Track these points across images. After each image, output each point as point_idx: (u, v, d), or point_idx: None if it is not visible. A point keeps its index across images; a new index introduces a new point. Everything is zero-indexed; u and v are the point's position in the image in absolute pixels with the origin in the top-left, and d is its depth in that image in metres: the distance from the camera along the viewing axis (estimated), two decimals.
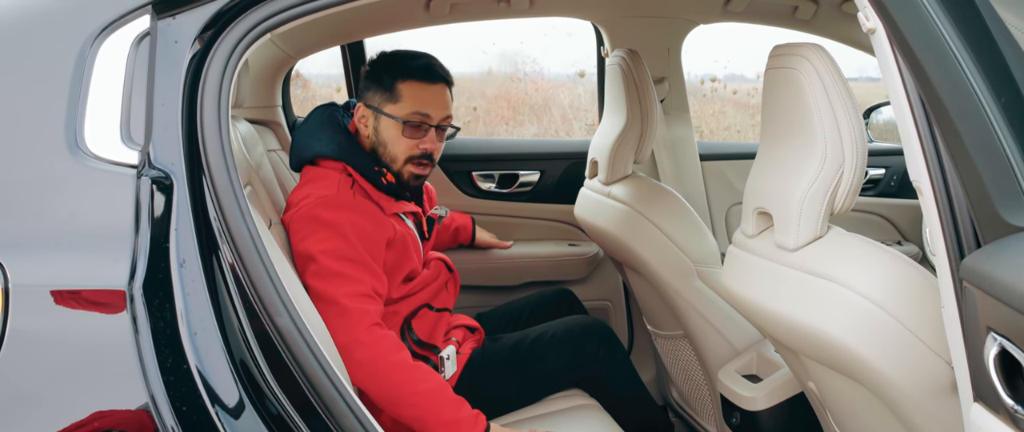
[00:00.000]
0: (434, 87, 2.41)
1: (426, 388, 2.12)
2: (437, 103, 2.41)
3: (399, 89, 2.38)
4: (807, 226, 1.66)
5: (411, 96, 2.38)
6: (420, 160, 2.42)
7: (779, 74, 1.71)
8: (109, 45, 1.52)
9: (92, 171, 1.45)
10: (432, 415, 2.10)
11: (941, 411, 1.52)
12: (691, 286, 2.55)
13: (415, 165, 2.42)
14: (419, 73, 2.40)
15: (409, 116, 2.38)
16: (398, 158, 2.41)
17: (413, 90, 2.39)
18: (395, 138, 2.40)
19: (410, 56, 2.45)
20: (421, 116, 2.39)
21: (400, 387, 2.11)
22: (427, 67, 2.41)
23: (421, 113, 2.39)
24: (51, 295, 1.38)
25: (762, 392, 2.38)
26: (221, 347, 1.41)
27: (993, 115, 1.28)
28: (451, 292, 2.63)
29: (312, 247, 2.19)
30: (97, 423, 1.37)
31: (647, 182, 2.73)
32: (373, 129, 2.42)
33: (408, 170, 2.42)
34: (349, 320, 2.11)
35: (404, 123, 2.38)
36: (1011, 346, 1.17)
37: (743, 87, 9.42)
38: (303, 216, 2.24)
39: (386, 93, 2.40)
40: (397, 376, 2.11)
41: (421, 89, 2.39)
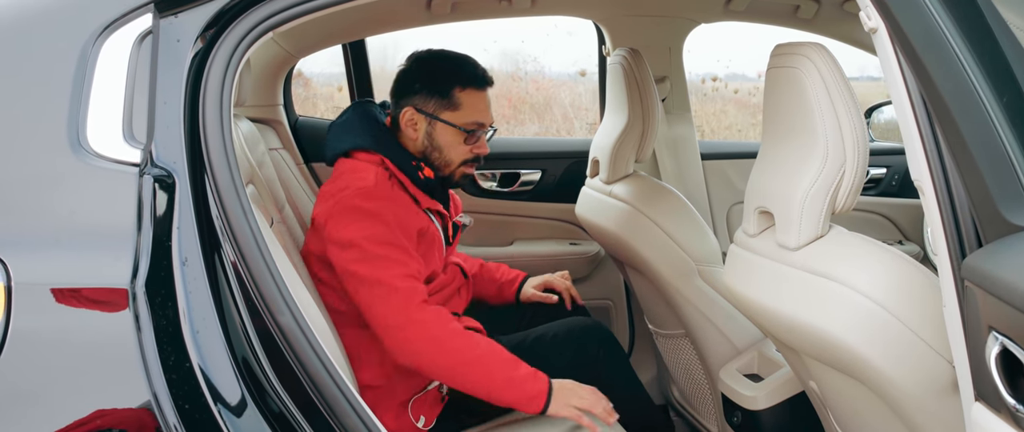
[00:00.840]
0: (486, 94, 2.45)
1: (482, 352, 2.18)
2: (488, 110, 2.46)
3: (458, 97, 2.40)
4: (808, 225, 1.66)
5: (471, 105, 2.41)
6: (472, 162, 2.47)
7: (781, 73, 1.71)
8: (111, 43, 1.52)
9: (94, 169, 1.45)
10: (494, 377, 2.16)
11: (942, 410, 1.52)
12: (692, 285, 2.55)
13: (468, 168, 2.47)
14: (477, 81, 2.43)
15: (469, 124, 2.41)
16: (454, 162, 2.45)
17: (472, 99, 2.41)
18: (452, 144, 2.42)
19: (462, 62, 2.47)
20: (479, 124, 2.43)
21: (461, 354, 2.16)
22: (482, 75, 2.44)
23: (479, 122, 2.43)
24: (53, 293, 1.38)
25: (763, 391, 2.38)
26: (223, 345, 1.42)
27: (995, 114, 1.28)
28: (463, 298, 2.63)
29: (354, 234, 2.21)
30: (99, 421, 1.37)
31: (648, 181, 2.73)
32: (425, 133, 2.43)
33: (461, 171, 2.47)
34: (400, 299, 2.16)
35: (466, 132, 2.41)
36: (1012, 345, 1.17)
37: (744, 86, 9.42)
38: (343, 207, 2.26)
39: (443, 100, 2.41)
40: (456, 343, 2.17)
41: (478, 98, 2.43)
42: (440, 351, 2.16)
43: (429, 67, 2.46)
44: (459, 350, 2.17)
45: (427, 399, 2.34)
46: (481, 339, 2.21)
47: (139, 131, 1.49)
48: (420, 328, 2.16)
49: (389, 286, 2.17)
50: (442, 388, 2.37)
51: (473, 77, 2.42)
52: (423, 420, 2.34)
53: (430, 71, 2.45)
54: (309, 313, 1.57)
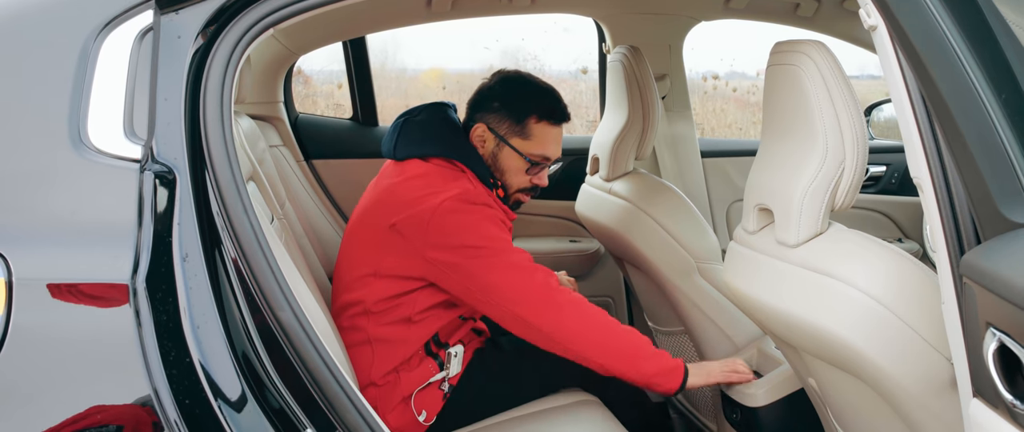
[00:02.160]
0: (559, 129, 2.45)
1: (624, 329, 2.25)
2: (559, 145, 2.46)
3: (532, 127, 2.41)
4: (808, 222, 1.66)
5: (542, 137, 2.42)
6: (529, 191, 2.48)
7: (780, 71, 1.71)
8: (112, 40, 1.52)
9: (95, 165, 1.45)
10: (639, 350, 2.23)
11: (941, 407, 1.53)
12: (692, 282, 2.56)
13: (523, 195, 2.48)
14: (552, 115, 2.43)
15: (536, 156, 2.42)
16: (511, 186, 2.45)
17: (545, 132, 2.42)
18: (514, 170, 2.43)
19: (546, 94, 2.46)
20: (545, 158, 2.43)
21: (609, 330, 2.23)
22: (563, 111, 2.44)
23: (545, 155, 2.43)
24: (54, 289, 1.38)
25: (762, 388, 2.39)
26: (224, 341, 1.42)
27: (994, 112, 1.29)
28: None
29: (472, 240, 2.23)
30: (99, 416, 1.37)
31: (648, 178, 2.73)
32: (491, 153, 2.44)
33: (516, 196, 2.47)
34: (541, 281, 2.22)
35: (530, 162, 2.42)
36: (1010, 341, 1.18)
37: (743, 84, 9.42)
38: (450, 211, 2.24)
39: (516, 125, 2.41)
40: (602, 320, 2.23)
41: (552, 132, 2.43)
42: (593, 327, 2.21)
43: (511, 89, 2.46)
44: (607, 326, 2.22)
45: (429, 394, 2.34)
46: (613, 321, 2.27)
47: (140, 127, 1.49)
48: (573, 307, 2.21)
49: (526, 270, 2.23)
50: (444, 384, 2.37)
51: (552, 111, 2.42)
52: (425, 415, 2.34)
53: (511, 93, 2.45)
54: (309, 309, 1.57)
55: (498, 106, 2.42)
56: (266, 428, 1.42)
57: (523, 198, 2.49)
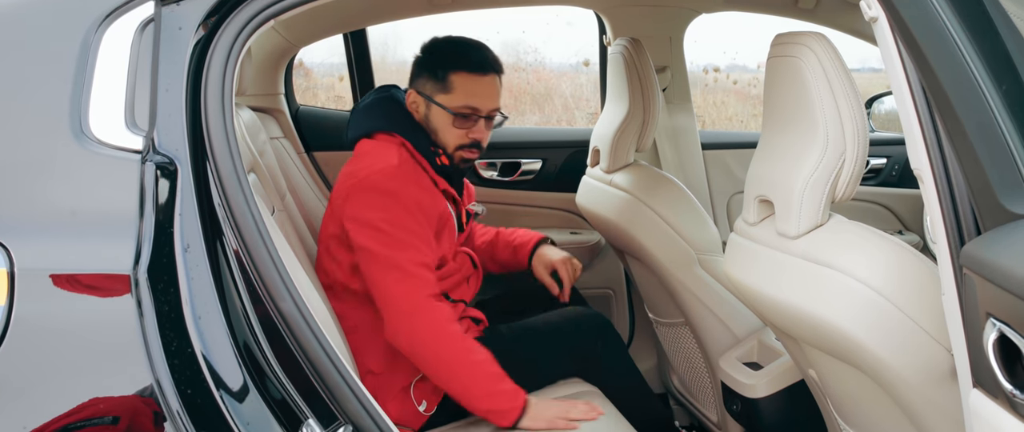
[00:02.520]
0: (484, 79, 2.44)
1: (476, 358, 2.23)
2: (486, 95, 2.45)
3: (451, 80, 2.42)
4: (808, 214, 1.67)
5: (462, 88, 2.42)
6: (469, 148, 2.47)
7: (781, 62, 1.71)
8: (114, 31, 1.52)
9: (97, 156, 1.46)
10: (477, 385, 2.22)
11: (941, 397, 1.53)
12: (692, 274, 2.56)
13: (465, 152, 2.47)
14: (471, 65, 2.44)
15: (459, 108, 2.42)
16: (449, 145, 2.46)
17: (464, 82, 2.42)
18: (445, 127, 2.44)
19: (463, 46, 2.48)
20: (471, 109, 2.43)
21: (458, 355, 2.22)
22: (479, 60, 2.45)
23: (470, 106, 2.43)
24: (56, 279, 1.39)
25: (763, 380, 2.39)
26: (225, 331, 1.42)
27: (994, 103, 1.29)
28: (471, 287, 2.64)
29: (376, 215, 2.27)
30: (101, 406, 1.37)
31: (649, 170, 2.73)
32: (424, 116, 2.47)
33: (458, 155, 2.48)
34: (413, 286, 2.22)
35: (454, 115, 2.42)
36: (1010, 331, 1.18)
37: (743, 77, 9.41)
38: (366, 186, 2.31)
39: (438, 83, 2.43)
40: (452, 345, 2.22)
41: (472, 81, 2.43)
42: (439, 347, 2.21)
43: (432, 50, 2.49)
44: (457, 351, 2.22)
45: (429, 384, 2.34)
46: (478, 346, 2.25)
47: (141, 118, 1.50)
48: (428, 319, 2.20)
49: (404, 271, 2.22)
50: None
51: (468, 61, 2.44)
52: (425, 405, 2.35)
53: (432, 54, 2.48)
54: (310, 299, 1.58)
55: (422, 69, 2.47)
56: (268, 418, 1.42)
57: (467, 155, 2.48)
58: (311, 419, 1.45)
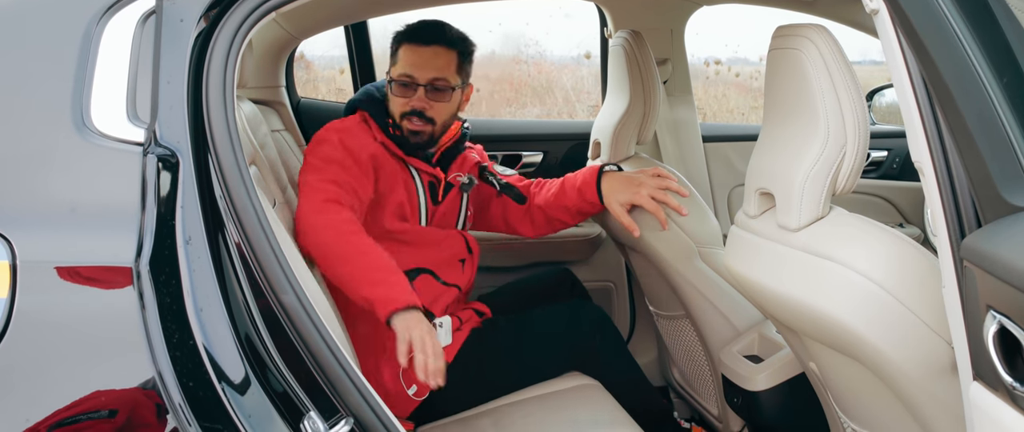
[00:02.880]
0: (425, 49, 2.52)
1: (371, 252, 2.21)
2: (425, 65, 2.51)
3: (398, 53, 2.55)
4: (809, 206, 1.67)
5: (404, 58, 2.53)
6: (411, 116, 2.52)
7: (782, 54, 1.71)
8: (115, 23, 1.53)
9: (99, 149, 1.46)
10: (369, 273, 2.16)
11: (941, 390, 1.53)
12: (693, 267, 2.56)
13: (408, 121, 2.52)
14: (412, 37, 2.54)
15: (398, 77, 2.52)
16: (395, 114, 2.54)
17: (405, 52, 2.53)
18: (391, 97, 2.55)
19: (413, 23, 2.59)
20: (407, 77, 2.51)
21: (347, 246, 2.20)
22: (417, 30, 2.55)
23: (407, 74, 2.51)
24: (58, 271, 1.39)
25: (763, 372, 2.39)
26: (227, 324, 1.43)
27: (995, 96, 1.29)
28: (466, 272, 2.64)
29: (308, 155, 2.42)
30: (103, 398, 1.38)
31: (650, 163, 2.73)
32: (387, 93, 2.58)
33: (404, 126, 2.53)
34: (312, 194, 2.28)
35: (393, 81, 2.53)
36: (1010, 324, 1.18)
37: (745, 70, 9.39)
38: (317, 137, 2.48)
39: (392, 59, 2.56)
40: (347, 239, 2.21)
41: (411, 51, 2.52)
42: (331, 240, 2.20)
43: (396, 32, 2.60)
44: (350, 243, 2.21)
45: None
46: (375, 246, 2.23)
47: (143, 111, 1.50)
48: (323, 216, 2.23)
49: (310, 185, 2.30)
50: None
51: (412, 33, 2.54)
52: (415, 389, 2.36)
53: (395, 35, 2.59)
54: (311, 292, 1.58)
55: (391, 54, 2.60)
56: (269, 411, 1.43)
57: (411, 125, 2.52)
58: (313, 412, 1.45)
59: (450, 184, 2.65)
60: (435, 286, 2.52)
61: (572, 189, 2.68)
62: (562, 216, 2.74)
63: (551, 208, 2.73)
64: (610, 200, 2.59)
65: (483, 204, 2.83)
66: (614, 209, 2.58)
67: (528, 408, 2.41)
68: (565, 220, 2.75)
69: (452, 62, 2.53)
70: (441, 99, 2.52)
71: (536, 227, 2.81)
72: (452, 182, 2.66)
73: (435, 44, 2.51)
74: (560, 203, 2.71)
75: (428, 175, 2.59)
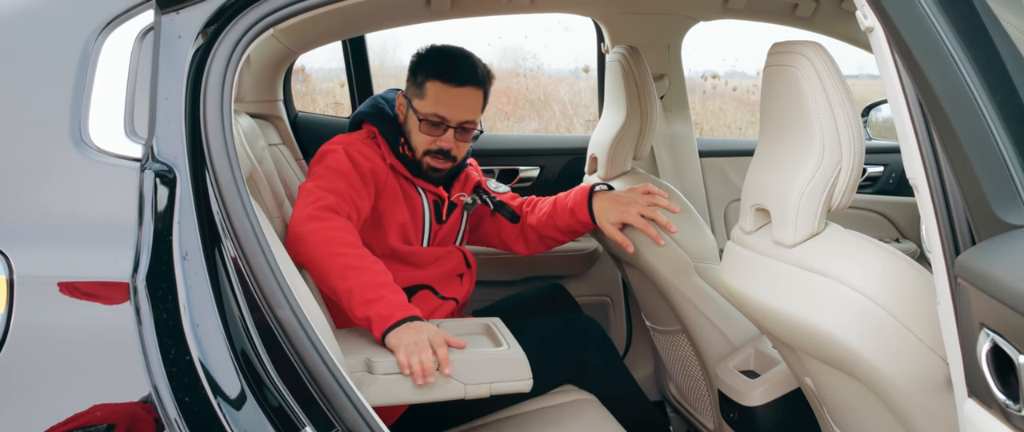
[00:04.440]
0: (459, 90, 2.48)
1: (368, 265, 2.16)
2: (458, 106, 2.49)
3: (426, 87, 2.49)
4: (804, 222, 1.67)
5: (434, 96, 2.48)
6: (436, 154, 2.51)
7: (778, 71, 1.72)
8: (113, 40, 1.53)
9: (96, 164, 1.46)
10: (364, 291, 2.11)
11: (936, 407, 1.53)
12: (690, 282, 2.56)
13: (432, 158, 2.52)
14: (445, 75, 2.48)
15: (427, 115, 2.48)
16: (417, 149, 2.53)
17: (436, 90, 2.48)
18: (415, 131, 2.51)
19: (443, 55, 2.54)
20: (438, 117, 2.48)
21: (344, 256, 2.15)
22: (453, 70, 2.49)
23: (438, 115, 2.48)
24: (55, 287, 1.39)
25: (759, 388, 2.39)
26: (223, 339, 1.43)
27: (989, 114, 1.30)
28: (464, 286, 2.64)
29: (312, 165, 2.42)
30: (99, 414, 1.38)
31: (646, 178, 2.74)
32: (405, 117, 2.55)
33: (426, 161, 2.53)
34: (308, 199, 2.25)
35: (421, 120, 2.48)
36: (1003, 342, 1.18)
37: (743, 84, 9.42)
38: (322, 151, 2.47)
39: (416, 88, 2.52)
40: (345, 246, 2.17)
41: (444, 91, 2.48)
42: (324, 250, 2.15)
43: (419, 56, 2.56)
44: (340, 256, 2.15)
45: None
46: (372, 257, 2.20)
47: (140, 126, 1.50)
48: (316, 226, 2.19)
49: (309, 192, 2.28)
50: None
51: (443, 71, 2.49)
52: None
53: (418, 60, 2.56)
54: (308, 308, 1.58)
55: (410, 73, 2.57)
56: (265, 426, 1.43)
57: (434, 162, 2.53)
58: (308, 427, 1.45)
59: (453, 204, 2.66)
60: (433, 300, 2.53)
61: (564, 209, 2.70)
62: (554, 235, 2.76)
63: (543, 227, 2.75)
64: (601, 220, 2.62)
65: (477, 221, 2.84)
66: (606, 228, 2.60)
67: (524, 422, 2.40)
68: (558, 239, 2.78)
69: (480, 101, 2.54)
70: (466, 138, 2.55)
71: (529, 245, 2.83)
72: (455, 201, 2.67)
73: (467, 85, 2.49)
74: (552, 223, 2.73)
75: (433, 194, 2.60)
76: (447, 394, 2.07)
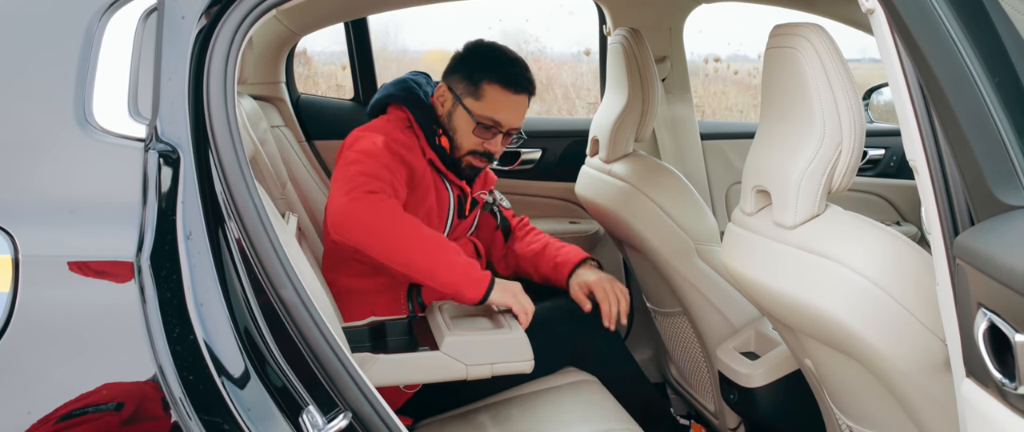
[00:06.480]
0: (516, 97, 2.48)
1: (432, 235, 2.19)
2: (513, 112, 2.48)
3: (483, 88, 2.46)
4: (805, 204, 1.68)
5: (493, 100, 2.46)
6: (481, 156, 2.51)
7: (779, 53, 1.72)
8: (117, 20, 1.53)
9: (100, 144, 1.47)
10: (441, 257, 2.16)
11: (935, 387, 1.54)
12: (690, 264, 2.57)
13: (475, 158, 2.52)
14: (507, 79, 2.46)
15: (483, 118, 2.46)
16: (462, 147, 2.50)
17: (495, 94, 2.46)
18: (464, 130, 2.48)
19: (504, 58, 2.52)
20: (493, 121, 2.46)
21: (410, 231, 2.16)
22: (516, 76, 2.48)
23: (494, 119, 2.46)
24: (60, 266, 1.40)
25: (760, 369, 2.40)
26: (226, 318, 1.43)
27: (988, 96, 1.30)
28: None
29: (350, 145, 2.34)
30: (105, 392, 1.39)
31: (648, 160, 2.74)
32: (448, 113, 2.50)
33: (467, 160, 2.52)
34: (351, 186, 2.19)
35: (477, 122, 2.45)
36: (1000, 321, 1.19)
37: (744, 67, 9.40)
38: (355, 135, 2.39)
39: (470, 86, 2.47)
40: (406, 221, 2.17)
41: (503, 96, 2.46)
42: (390, 224, 2.15)
43: (475, 53, 2.53)
44: (409, 228, 2.16)
45: None
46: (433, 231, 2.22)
47: (144, 107, 1.51)
48: (371, 202, 2.16)
49: (351, 179, 2.20)
50: None
51: (506, 75, 2.46)
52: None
53: (474, 57, 2.52)
54: (310, 287, 1.59)
55: (461, 68, 2.51)
56: (268, 404, 1.44)
57: (475, 162, 2.53)
58: (311, 406, 1.46)
59: (475, 201, 2.67)
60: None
61: (551, 261, 2.68)
62: (529, 273, 2.75)
63: (524, 262, 2.75)
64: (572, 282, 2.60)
65: (480, 224, 2.83)
66: (572, 289, 2.59)
67: (526, 403, 2.42)
68: (530, 276, 2.76)
69: (527, 108, 2.54)
70: (507, 142, 2.55)
71: (508, 268, 2.83)
72: (477, 199, 2.67)
73: (525, 92, 2.49)
74: (534, 264, 2.73)
75: (458, 189, 2.60)
76: (449, 375, 2.09)
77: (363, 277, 2.46)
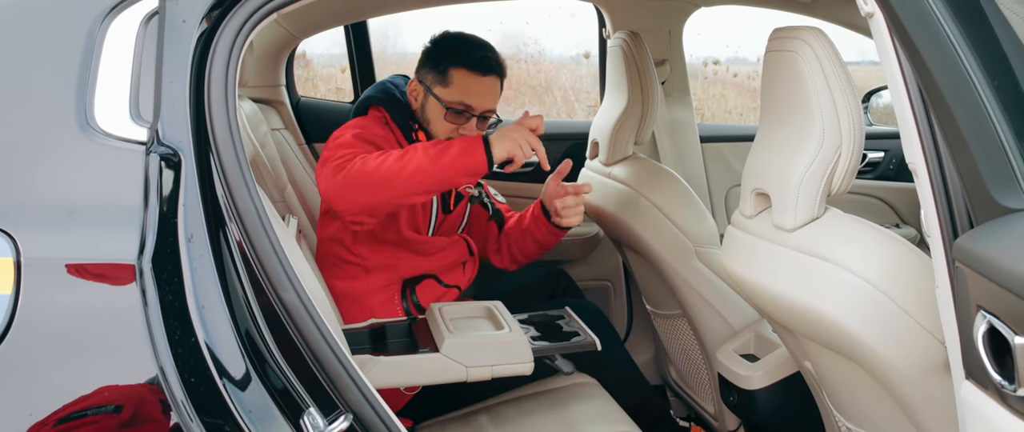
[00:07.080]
0: (484, 79, 2.48)
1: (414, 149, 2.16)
2: (483, 95, 2.48)
3: (450, 74, 2.47)
4: (804, 207, 1.68)
5: (461, 85, 2.47)
6: None
7: (778, 57, 1.73)
8: (118, 24, 1.54)
9: (102, 147, 1.47)
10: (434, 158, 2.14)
11: (934, 389, 1.55)
12: (690, 266, 2.57)
13: None
14: (472, 63, 2.47)
15: (453, 103, 2.46)
16: (437, 136, 2.48)
17: (463, 79, 2.47)
18: (437, 119, 2.49)
19: (468, 43, 2.53)
20: (463, 105, 2.46)
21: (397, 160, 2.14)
22: (481, 59, 2.48)
23: (464, 103, 2.46)
24: (62, 269, 1.40)
25: (759, 371, 2.40)
26: (228, 321, 1.44)
27: (987, 99, 1.30)
28: (467, 274, 2.65)
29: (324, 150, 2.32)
30: (107, 394, 1.39)
31: (647, 163, 2.75)
32: (421, 105, 2.53)
33: None
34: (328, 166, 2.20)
35: (447, 108, 2.46)
36: (999, 323, 1.20)
37: (744, 70, 9.40)
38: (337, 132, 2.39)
39: (438, 75, 2.48)
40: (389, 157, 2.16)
41: (470, 79, 2.47)
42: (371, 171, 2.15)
43: (441, 43, 2.54)
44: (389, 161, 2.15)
45: None
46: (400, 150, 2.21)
47: (145, 110, 1.51)
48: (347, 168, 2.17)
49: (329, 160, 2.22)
50: None
51: (471, 59, 2.47)
52: None
53: (437, 46, 2.53)
54: (311, 290, 1.59)
55: (429, 61, 2.52)
56: (269, 407, 1.44)
57: None
58: (312, 408, 1.46)
59: (460, 195, 2.67)
60: (437, 288, 2.54)
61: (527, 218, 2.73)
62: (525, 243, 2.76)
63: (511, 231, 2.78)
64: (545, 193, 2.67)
65: (472, 221, 2.83)
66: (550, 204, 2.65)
67: (526, 405, 2.42)
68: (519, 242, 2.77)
69: (499, 90, 2.54)
70: (484, 127, 2.54)
71: (502, 257, 2.83)
72: (462, 193, 2.67)
73: (492, 74, 2.49)
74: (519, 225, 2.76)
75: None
76: (449, 377, 2.09)
77: (355, 278, 2.47)
